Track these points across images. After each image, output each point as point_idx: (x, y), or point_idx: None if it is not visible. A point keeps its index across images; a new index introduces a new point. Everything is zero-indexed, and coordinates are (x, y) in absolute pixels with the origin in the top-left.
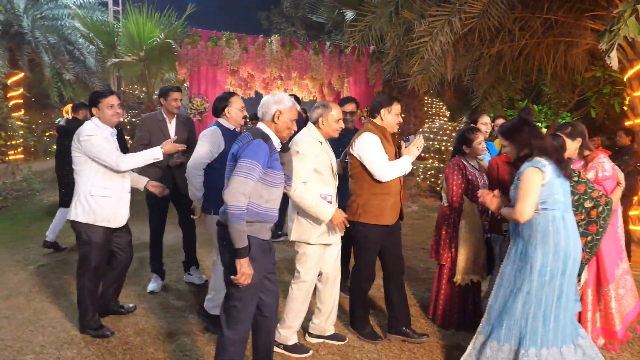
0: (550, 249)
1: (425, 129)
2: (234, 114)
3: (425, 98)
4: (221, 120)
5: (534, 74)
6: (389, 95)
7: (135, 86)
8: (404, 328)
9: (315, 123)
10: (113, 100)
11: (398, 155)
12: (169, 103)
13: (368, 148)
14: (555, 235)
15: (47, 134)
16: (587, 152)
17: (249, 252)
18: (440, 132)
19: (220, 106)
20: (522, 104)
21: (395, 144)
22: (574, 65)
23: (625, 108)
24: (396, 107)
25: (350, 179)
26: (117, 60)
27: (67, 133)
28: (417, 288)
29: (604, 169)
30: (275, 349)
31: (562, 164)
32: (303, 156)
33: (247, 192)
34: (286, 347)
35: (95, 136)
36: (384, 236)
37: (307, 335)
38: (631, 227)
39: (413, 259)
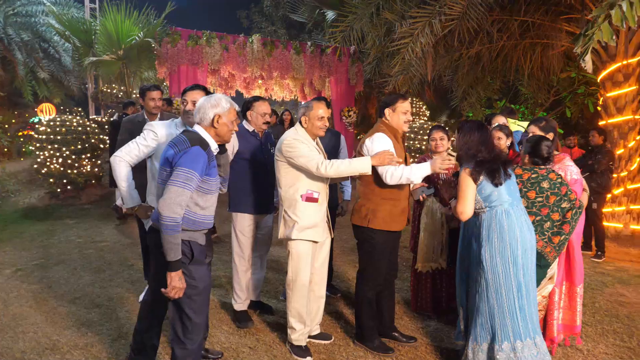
0: (495, 243)
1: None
2: (255, 117)
3: None
4: (244, 122)
5: (512, 75)
6: (395, 94)
7: (114, 85)
8: (392, 332)
9: (301, 123)
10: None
11: (407, 159)
12: (146, 103)
13: (379, 148)
14: (499, 230)
15: (21, 133)
16: (555, 152)
17: (191, 260)
18: (421, 132)
19: (243, 109)
20: (500, 103)
21: (404, 147)
22: (550, 66)
23: (598, 108)
24: (402, 105)
25: (359, 180)
26: (94, 59)
27: (118, 127)
28: (400, 286)
29: (572, 172)
30: (286, 346)
31: (494, 174)
32: (296, 150)
33: (184, 203)
34: (291, 346)
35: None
36: (390, 242)
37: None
38: (605, 223)
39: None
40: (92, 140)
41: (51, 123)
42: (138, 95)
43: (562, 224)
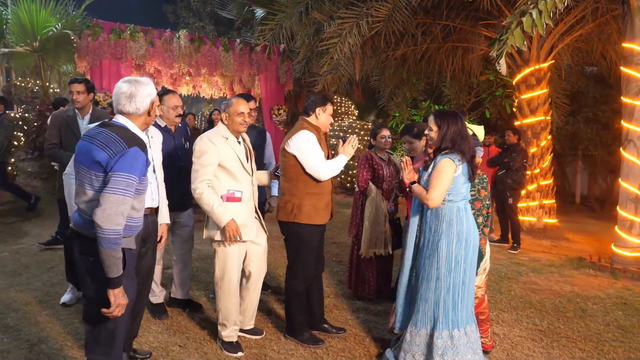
0: (454, 238)
1: (335, 127)
2: (166, 111)
3: (335, 97)
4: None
5: (435, 76)
6: (323, 95)
7: (29, 79)
8: (322, 324)
9: (224, 119)
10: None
11: (330, 155)
12: (70, 97)
13: (307, 146)
14: (458, 225)
15: None
16: (430, 150)
17: (124, 270)
18: (349, 130)
19: None
20: (425, 104)
21: (327, 144)
22: (470, 69)
23: (514, 109)
24: (330, 108)
25: (283, 178)
26: (6, 50)
27: None
28: (330, 281)
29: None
30: (217, 343)
31: (473, 169)
32: (199, 153)
33: (126, 212)
34: (222, 343)
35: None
36: (316, 236)
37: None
38: (520, 217)
39: (326, 253)
40: None
41: None
42: (57, 91)
43: (484, 226)
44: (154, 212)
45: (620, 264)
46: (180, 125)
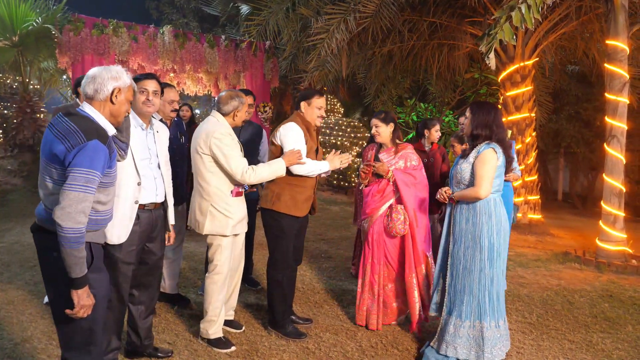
0: (494, 230)
1: (322, 125)
2: (162, 105)
3: None
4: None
5: (421, 74)
6: (311, 89)
7: (8, 74)
8: (290, 315)
9: (227, 115)
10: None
11: (320, 151)
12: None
13: (290, 137)
14: (496, 216)
15: None
16: (397, 141)
17: (90, 265)
18: (336, 128)
19: None
20: (410, 102)
21: (317, 140)
22: (456, 66)
23: (499, 107)
24: (317, 101)
25: None
26: None
27: None
28: (320, 277)
29: (412, 159)
30: (200, 342)
31: (509, 160)
32: (230, 148)
33: (88, 209)
34: (210, 342)
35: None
36: (295, 227)
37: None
38: None
39: (315, 250)
40: None
41: None
42: (37, 87)
43: None
44: (159, 206)
45: (605, 257)
46: (175, 119)
